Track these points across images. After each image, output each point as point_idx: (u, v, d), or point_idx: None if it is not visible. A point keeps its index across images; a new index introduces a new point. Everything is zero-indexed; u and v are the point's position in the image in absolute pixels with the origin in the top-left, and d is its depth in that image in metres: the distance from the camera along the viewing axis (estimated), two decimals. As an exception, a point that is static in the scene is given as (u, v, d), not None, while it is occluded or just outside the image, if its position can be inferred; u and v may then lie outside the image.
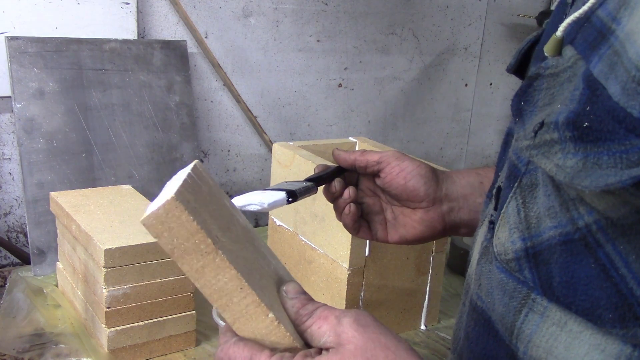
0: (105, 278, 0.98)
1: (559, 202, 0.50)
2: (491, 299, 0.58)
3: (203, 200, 0.52)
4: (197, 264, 0.49)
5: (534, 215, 0.53)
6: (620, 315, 0.47)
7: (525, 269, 0.53)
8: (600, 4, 0.48)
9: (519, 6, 2.16)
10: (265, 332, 0.52)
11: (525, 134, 0.51)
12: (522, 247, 0.53)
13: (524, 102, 0.53)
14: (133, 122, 1.44)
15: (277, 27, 1.70)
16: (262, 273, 0.55)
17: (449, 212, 0.81)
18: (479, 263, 0.61)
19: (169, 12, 1.53)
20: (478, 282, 0.61)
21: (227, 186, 1.73)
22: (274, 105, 1.75)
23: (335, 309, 0.55)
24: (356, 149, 1.36)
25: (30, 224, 1.29)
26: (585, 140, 0.45)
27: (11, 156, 1.41)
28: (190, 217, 0.48)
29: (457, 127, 2.18)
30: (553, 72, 0.51)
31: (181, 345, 1.08)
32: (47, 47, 1.36)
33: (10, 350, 1.03)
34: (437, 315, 1.25)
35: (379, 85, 1.94)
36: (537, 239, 0.52)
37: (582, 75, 0.47)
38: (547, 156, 0.48)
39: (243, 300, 0.50)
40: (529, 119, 0.52)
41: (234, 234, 0.54)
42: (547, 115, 0.49)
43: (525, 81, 0.54)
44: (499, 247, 0.56)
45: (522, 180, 0.55)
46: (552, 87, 0.51)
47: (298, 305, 0.55)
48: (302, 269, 1.21)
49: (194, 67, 1.59)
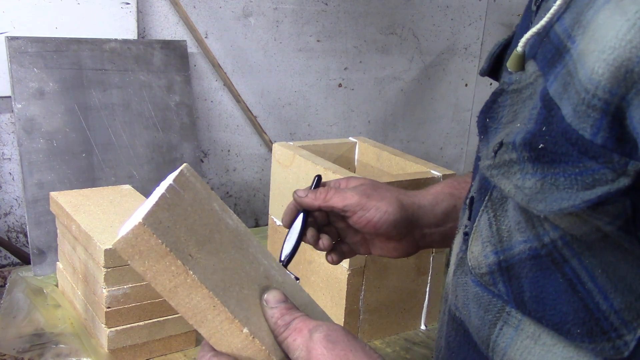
0: (105, 278, 0.98)
1: (524, 218, 0.50)
2: (467, 310, 0.57)
3: (182, 213, 0.52)
4: (169, 284, 0.50)
5: (506, 228, 0.52)
6: (588, 330, 0.47)
7: (499, 283, 0.53)
8: (558, 19, 0.47)
9: (519, 6, 2.16)
10: (241, 347, 0.52)
11: (487, 154, 0.51)
12: (495, 261, 0.53)
13: (489, 119, 0.52)
14: (133, 122, 1.44)
15: (277, 27, 1.70)
16: (244, 282, 0.55)
17: (422, 237, 0.80)
18: (455, 274, 0.61)
19: (169, 12, 1.53)
20: (455, 292, 0.60)
21: (227, 186, 1.73)
22: (274, 105, 1.75)
23: (310, 322, 0.54)
24: (356, 148, 1.36)
25: (30, 224, 1.29)
26: (542, 161, 0.45)
27: (11, 156, 1.41)
28: (159, 240, 0.48)
29: (457, 127, 2.18)
30: (516, 87, 0.50)
31: (181, 345, 1.08)
32: (47, 47, 1.36)
33: (10, 350, 1.03)
34: (437, 315, 1.25)
35: (379, 85, 1.94)
36: (509, 252, 0.52)
37: (540, 94, 0.46)
38: (507, 176, 0.48)
39: (217, 317, 0.51)
40: (492, 136, 0.51)
41: (216, 244, 0.55)
42: (506, 135, 0.49)
43: (490, 97, 0.53)
44: (473, 261, 0.56)
45: (493, 193, 0.54)
46: (515, 103, 0.50)
47: (277, 316, 0.54)
48: (302, 269, 1.21)
49: (194, 67, 1.59)
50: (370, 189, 0.78)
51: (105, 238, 1.01)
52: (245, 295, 0.54)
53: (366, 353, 0.53)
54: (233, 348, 0.52)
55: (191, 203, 0.54)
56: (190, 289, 0.50)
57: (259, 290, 0.56)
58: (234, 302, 0.52)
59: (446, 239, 0.79)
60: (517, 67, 0.50)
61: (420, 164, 1.21)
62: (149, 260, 0.49)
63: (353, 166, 1.36)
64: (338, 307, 1.13)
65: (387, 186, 0.81)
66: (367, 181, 0.81)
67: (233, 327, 0.52)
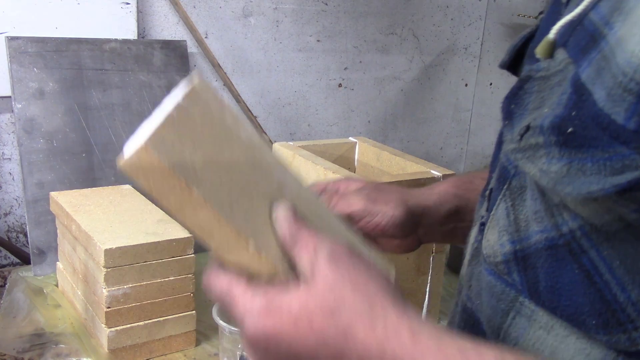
0: (105, 278, 0.98)
1: (544, 207, 0.50)
2: (480, 300, 0.57)
3: (188, 130, 0.52)
4: (174, 202, 0.50)
5: (523, 218, 0.52)
6: (604, 321, 0.47)
7: (514, 272, 0.53)
8: (593, 7, 0.47)
9: (519, 6, 2.16)
10: (247, 261, 0.52)
11: (512, 137, 0.51)
12: (511, 250, 0.53)
13: (514, 105, 0.52)
14: (133, 122, 1.44)
15: (277, 27, 1.70)
16: (254, 197, 0.55)
17: (425, 235, 0.80)
18: (469, 264, 0.61)
19: (169, 12, 1.53)
20: (468, 283, 0.60)
21: (227, 186, 1.73)
22: (274, 105, 1.75)
23: (316, 237, 0.52)
24: (356, 148, 1.36)
25: (30, 224, 1.29)
26: (570, 145, 0.45)
27: (11, 156, 1.41)
28: (163, 161, 0.48)
29: (457, 127, 2.18)
30: (544, 75, 0.50)
31: (181, 345, 1.08)
32: (47, 47, 1.36)
33: (10, 350, 1.03)
34: (437, 315, 1.25)
35: (379, 85, 1.94)
36: (525, 242, 0.52)
37: (570, 80, 0.46)
38: (532, 160, 0.48)
39: (223, 232, 0.51)
40: (517, 122, 0.51)
41: (225, 159, 0.54)
42: (533, 119, 0.49)
43: (517, 83, 0.53)
44: (488, 249, 0.56)
45: (512, 182, 0.54)
46: (543, 90, 0.50)
47: (285, 232, 0.53)
48: (302, 269, 1.21)
49: (194, 67, 1.59)
50: (375, 192, 0.77)
51: (105, 238, 1.01)
52: (255, 210, 0.54)
53: (367, 273, 0.51)
54: (240, 261, 0.53)
55: (200, 118, 0.53)
56: (196, 206, 0.50)
57: (270, 204, 0.55)
58: (242, 217, 0.52)
59: (447, 237, 0.81)
60: (547, 54, 0.50)
61: (420, 164, 1.21)
62: (154, 179, 0.49)
63: (353, 166, 1.36)
64: (338, 307, 1.13)
65: (390, 187, 0.80)
66: (369, 184, 0.80)
67: (239, 242, 0.51)
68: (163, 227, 1.07)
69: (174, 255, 1.04)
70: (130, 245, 1.00)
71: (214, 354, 1.08)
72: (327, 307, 0.49)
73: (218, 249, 0.53)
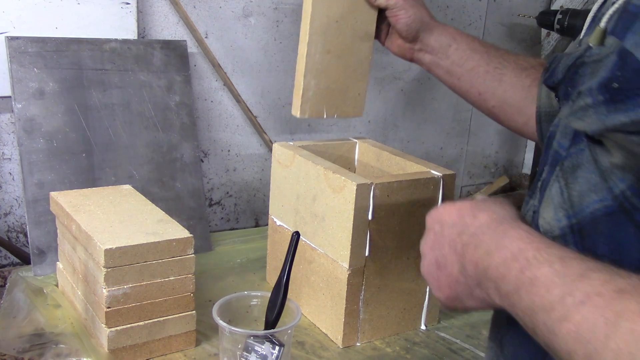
0: (105, 278, 0.98)
1: (599, 176, 0.57)
2: None
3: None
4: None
5: (576, 194, 0.60)
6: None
7: (570, 244, 0.60)
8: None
9: (519, 6, 2.16)
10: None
11: (567, 108, 0.60)
12: (567, 224, 0.60)
13: (570, 87, 0.62)
14: (133, 122, 1.44)
15: (277, 27, 1.70)
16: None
17: (418, 51, 1.12)
18: None
19: (169, 12, 1.53)
20: None
21: (227, 186, 1.73)
22: (274, 105, 1.75)
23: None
24: (356, 148, 1.36)
25: (30, 224, 1.30)
26: (616, 100, 0.53)
27: (11, 156, 1.41)
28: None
29: (457, 127, 2.18)
30: (596, 58, 0.58)
31: (181, 345, 1.08)
32: (47, 47, 1.36)
33: (10, 350, 1.03)
34: (437, 315, 1.25)
35: (379, 85, 1.94)
36: (580, 215, 0.59)
37: (616, 51, 0.55)
38: (582, 119, 0.57)
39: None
40: (574, 96, 0.60)
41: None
42: (584, 87, 0.57)
43: (571, 69, 0.63)
44: (545, 225, 0.63)
45: (564, 163, 0.62)
46: (596, 70, 0.58)
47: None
48: (302, 269, 1.21)
49: (194, 67, 1.59)
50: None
51: (105, 238, 1.01)
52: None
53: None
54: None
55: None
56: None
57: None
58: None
59: (431, 65, 1.11)
60: (598, 42, 0.59)
61: (420, 164, 1.21)
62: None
63: (353, 166, 1.36)
64: (338, 307, 1.13)
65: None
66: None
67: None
68: (163, 227, 1.07)
69: (174, 255, 1.04)
70: (130, 245, 1.00)
71: (214, 354, 1.08)
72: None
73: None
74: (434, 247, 0.67)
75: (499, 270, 0.57)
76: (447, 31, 1.10)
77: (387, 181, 1.10)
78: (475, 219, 0.62)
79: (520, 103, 1.02)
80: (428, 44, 1.10)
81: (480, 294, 0.61)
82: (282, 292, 0.96)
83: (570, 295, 0.49)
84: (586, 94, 0.56)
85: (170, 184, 1.47)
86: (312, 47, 1.12)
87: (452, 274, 0.64)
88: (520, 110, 1.02)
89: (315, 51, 1.12)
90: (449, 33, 1.09)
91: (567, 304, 0.49)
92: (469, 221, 0.63)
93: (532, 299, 0.52)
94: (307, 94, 1.16)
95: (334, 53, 1.15)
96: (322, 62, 1.14)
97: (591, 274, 0.49)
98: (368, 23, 1.17)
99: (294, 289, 1.20)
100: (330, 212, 1.12)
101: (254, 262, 1.44)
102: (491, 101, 1.06)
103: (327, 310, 1.16)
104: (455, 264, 0.63)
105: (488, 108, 1.08)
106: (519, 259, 0.55)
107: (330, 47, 1.14)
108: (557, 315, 0.49)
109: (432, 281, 0.68)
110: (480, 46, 1.08)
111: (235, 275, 1.37)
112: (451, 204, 0.67)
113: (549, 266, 0.52)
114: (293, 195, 1.22)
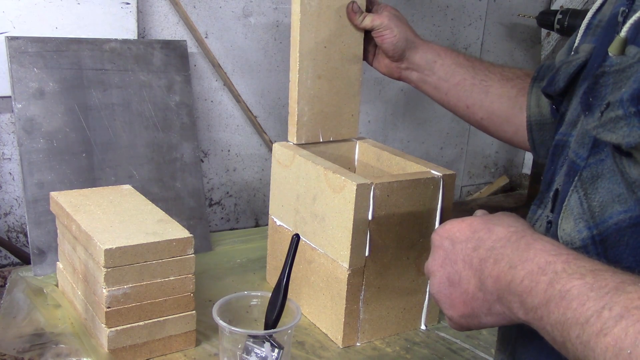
0: (105, 278, 0.98)
1: (625, 187, 0.56)
2: None
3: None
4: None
5: (597, 204, 0.59)
6: None
7: (592, 255, 0.58)
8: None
9: (519, 6, 2.16)
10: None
11: (593, 119, 0.59)
12: (588, 235, 0.60)
13: (592, 98, 0.60)
14: (133, 122, 1.44)
15: (277, 27, 1.70)
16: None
17: (405, 69, 1.17)
18: None
19: (169, 12, 1.53)
20: None
21: (227, 186, 1.73)
22: (274, 105, 1.75)
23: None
24: (356, 148, 1.36)
25: (30, 224, 1.30)
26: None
27: (11, 156, 1.41)
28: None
29: (457, 127, 2.18)
30: (618, 68, 0.57)
31: (181, 345, 1.08)
32: (47, 47, 1.36)
33: (10, 350, 1.03)
34: (437, 315, 1.25)
35: (379, 85, 1.94)
36: (602, 225, 0.58)
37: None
38: (613, 131, 0.55)
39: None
40: (597, 108, 0.59)
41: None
42: (612, 98, 0.56)
43: (591, 79, 0.61)
44: (565, 237, 0.62)
45: (582, 174, 0.61)
46: (619, 81, 0.57)
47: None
48: (302, 269, 1.21)
49: (194, 67, 1.59)
50: (396, 16, 1.16)
51: (105, 238, 1.01)
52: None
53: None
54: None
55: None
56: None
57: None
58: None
59: (419, 82, 1.18)
60: (619, 51, 0.58)
61: (420, 164, 1.21)
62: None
63: (353, 166, 1.36)
64: (338, 307, 1.13)
65: (403, 19, 1.18)
66: (394, 10, 1.18)
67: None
68: (163, 227, 1.07)
69: (174, 255, 1.04)
70: (130, 245, 1.00)
71: (214, 354, 1.08)
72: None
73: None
74: (444, 264, 0.65)
75: (524, 283, 0.55)
76: (432, 48, 1.14)
77: (387, 181, 1.10)
78: (491, 233, 0.61)
79: (508, 113, 1.04)
80: (414, 61, 1.15)
81: (499, 309, 0.59)
82: (281, 295, 0.96)
83: (607, 309, 0.48)
84: (616, 105, 0.55)
85: (170, 184, 1.47)
86: (302, 74, 1.17)
87: (468, 290, 0.62)
88: (509, 120, 1.04)
89: (306, 77, 1.17)
90: (433, 50, 1.14)
91: (604, 318, 0.47)
92: (485, 235, 0.61)
93: (563, 313, 0.51)
94: (301, 120, 1.20)
95: (325, 77, 1.19)
96: (314, 87, 1.19)
97: (626, 287, 0.48)
98: (355, 45, 1.21)
99: (294, 289, 1.20)
100: (330, 212, 1.12)
101: (254, 262, 1.44)
102: (479, 113, 1.08)
103: (327, 310, 1.16)
104: (472, 280, 0.62)
105: (477, 120, 1.10)
106: (547, 272, 0.53)
107: (320, 72, 1.18)
108: (594, 329, 0.48)
109: (443, 299, 0.66)
110: (465, 60, 1.11)
111: (235, 275, 1.37)
112: (459, 220, 0.65)
113: (580, 279, 0.51)
114: (293, 195, 1.22)
